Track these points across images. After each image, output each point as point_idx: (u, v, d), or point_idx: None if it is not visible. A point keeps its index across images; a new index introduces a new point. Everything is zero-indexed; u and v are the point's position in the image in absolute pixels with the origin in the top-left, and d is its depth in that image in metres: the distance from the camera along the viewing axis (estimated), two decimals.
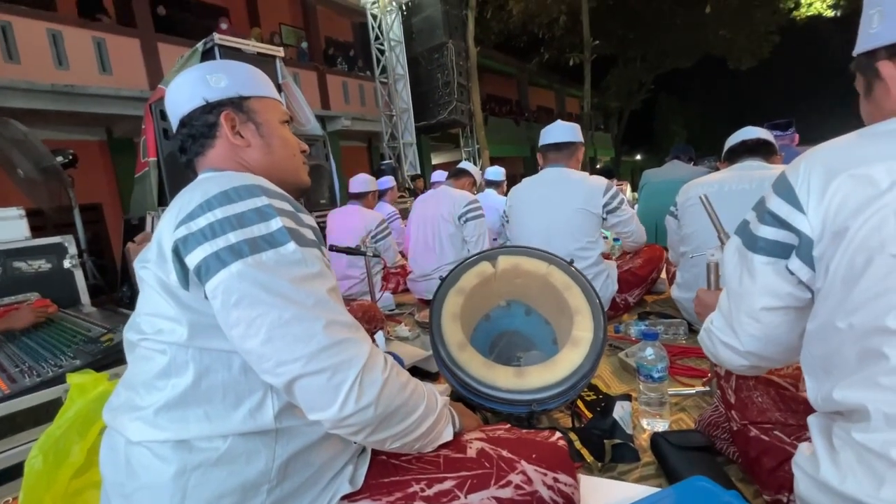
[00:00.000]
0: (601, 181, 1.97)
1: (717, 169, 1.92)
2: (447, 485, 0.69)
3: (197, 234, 0.59)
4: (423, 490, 0.69)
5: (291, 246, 0.59)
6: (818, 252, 0.57)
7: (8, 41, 5.29)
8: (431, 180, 4.19)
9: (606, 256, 2.12)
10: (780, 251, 0.63)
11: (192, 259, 0.58)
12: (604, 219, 1.98)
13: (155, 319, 0.63)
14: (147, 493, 0.59)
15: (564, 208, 1.96)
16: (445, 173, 4.22)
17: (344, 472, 0.71)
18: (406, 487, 0.69)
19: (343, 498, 0.69)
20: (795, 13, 12.73)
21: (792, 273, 0.61)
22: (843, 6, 12.08)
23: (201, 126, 0.75)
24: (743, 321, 0.69)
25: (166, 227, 0.63)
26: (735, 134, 1.84)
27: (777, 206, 0.62)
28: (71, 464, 0.86)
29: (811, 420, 0.63)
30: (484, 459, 0.74)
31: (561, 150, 2.06)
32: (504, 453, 0.76)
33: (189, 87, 0.76)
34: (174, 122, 0.79)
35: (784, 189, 0.62)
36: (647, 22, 13.73)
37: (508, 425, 0.88)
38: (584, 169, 2.20)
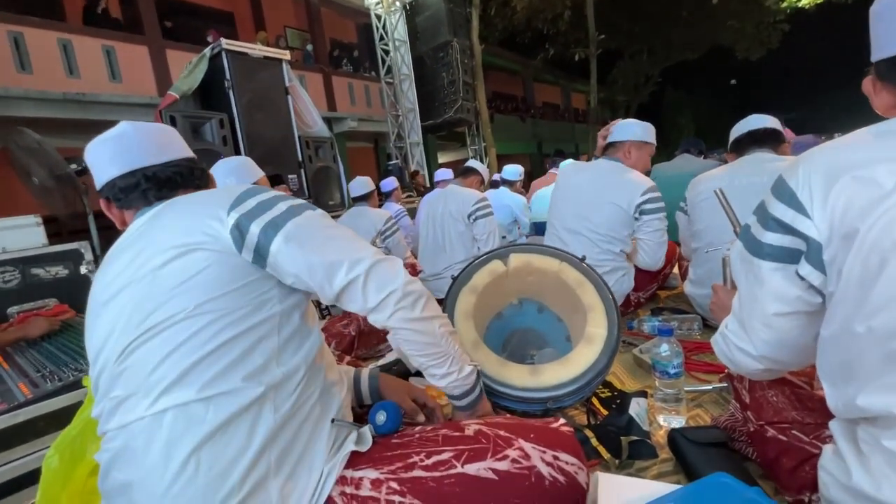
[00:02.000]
0: (646, 182, 1.92)
1: (725, 161, 1.89)
2: (445, 455, 0.73)
3: (255, 209, 0.73)
4: (422, 460, 0.73)
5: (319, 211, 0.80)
6: (828, 256, 0.56)
7: (20, 51, 5.39)
8: (436, 179, 4.20)
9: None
10: (787, 257, 0.62)
11: (257, 227, 0.71)
12: (636, 218, 1.92)
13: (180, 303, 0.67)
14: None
15: (597, 197, 1.95)
16: (450, 171, 4.24)
17: (347, 440, 0.76)
18: (406, 458, 0.73)
19: (346, 466, 0.72)
20: (805, 1, 12.50)
21: (803, 278, 0.60)
22: None
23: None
24: (756, 327, 0.68)
25: (204, 221, 0.72)
26: (740, 123, 1.78)
27: (781, 211, 0.61)
28: (87, 463, 0.88)
29: (833, 425, 0.62)
30: (481, 437, 0.77)
31: (615, 147, 2.04)
32: (501, 432, 0.78)
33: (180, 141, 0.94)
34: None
35: (785, 193, 0.61)
36: (653, 15, 13.58)
37: (508, 417, 0.89)
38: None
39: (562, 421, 0.86)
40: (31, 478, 1.13)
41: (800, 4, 12.47)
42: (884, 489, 0.50)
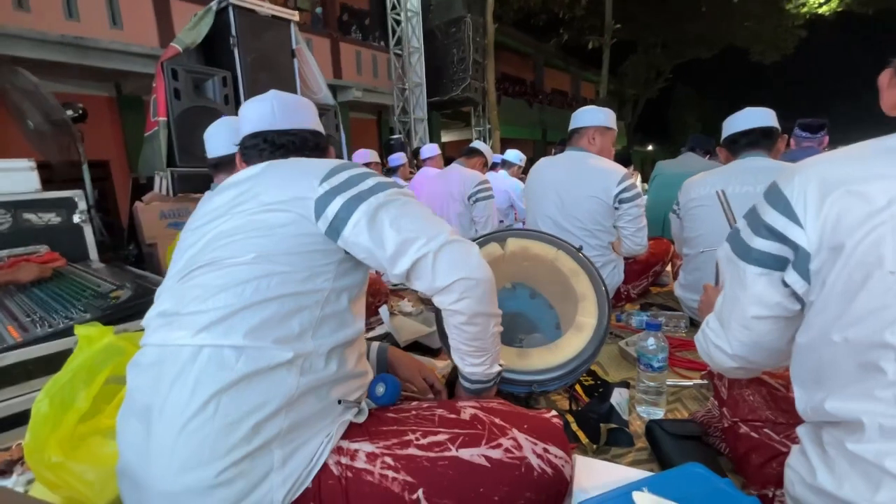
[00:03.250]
0: (618, 169, 1.92)
1: (718, 154, 1.86)
2: (440, 437, 0.74)
3: (345, 182, 0.78)
4: (417, 439, 0.74)
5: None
6: (815, 266, 0.57)
7: None
8: (423, 156, 4.02)
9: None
10: (774, 263, 0.63)
11: (345, 195, 0.76)
12: (616, 208, 1.94)
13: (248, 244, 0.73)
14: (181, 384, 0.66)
15: (577, 193, 1.95)
16: (436, 147, 4.16)
17: (349, 411, 0.76)
18: (402, 436, 0.75)
19: (343, 437, 0.73)
20: (825, 7, 12.32)
21: (787, 285, 0.62)
22: (875, 4, 11.67)
23: (317, 144, 0.99)
24: (734, 327, 0.71)
25: (297, 186, 0.78)
26: (734, 117, 1.72)
27: (773, 218, 0.62)
28: (77, 409, 0.89)
29: (801, 430, 0.65)
30: (476, 423, 0.78)
31: (580, 134, 2.02)
32: (496, 420, 0.79)
33: (316, 115, 1.02)
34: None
35: (780, 201, 0.62)
36: (672, 8, 13.34)
37: (501, 402, 0.89)
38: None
39: (553, 412, 0.88)
40: (18, 419, 1.14)
41: (819, 11, 12.30)
42: (844, 488, 0.52)
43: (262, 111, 0.94)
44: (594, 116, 1.99)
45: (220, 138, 1.53)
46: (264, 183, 0.80)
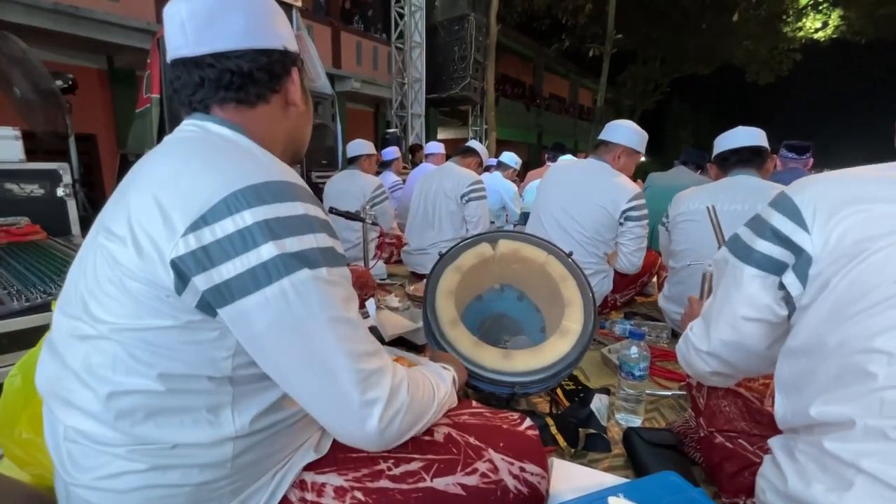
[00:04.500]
0: (632, 188, 1.94)
1: (709, 170, 1.90)
2: (413, 466, 0.69)
3: (225, 244, 0.50)
4: (389, 469, 0.68)
5: (324, 271, 0.54)
6: (815, 270, 0.59)
7: None
8: (426, 152, 4.15)
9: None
10: (772, 266, 0.65)
11: (216, 276, 0.51)
12: (620, 223, 1.95)
13: (112, 306, 0.54)
14: (94, 495, 0.56)
15: (587, 200, 1.96)
16: (441, 145, 4.19)
17: (308, 442, 0.69)
18: (373, 465, 0.68)
19: (308, 468, 0.67)
20: (821, 33, 12.59)
21: (783, 287, 0.64)
22: (869, 33, 11.96)
23: (269, 73, 0.64)
24: (720, 325, 0.73)
25: (157, 218, 0.51)
26: (726, 135, 1.75)
27: (780, 222, 0.64)
28: None
29: (773, 442, 0.66)
30: (451, 445, 0.73)
31: (608, 147, 2.04)
32: (471, 440, 0.75)
33: (264, 17, 0.64)
34: (207, 41, 0.61)
35: (789, 208, 0.63)
36: (673, 22, 13.48)
37: (472, 407, 0.86)
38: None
39: (528, 422, 0.85)
40: None
41: (815, 36, 12.56)
42: (812, 487, 0.54)
43: (172, 25, 0.62)
44: (628, 136, 1.98)
45: None
46: (140, 184, 0.57)
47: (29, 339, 1.16)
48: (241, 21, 0.62)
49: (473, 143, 2.96)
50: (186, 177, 0.54)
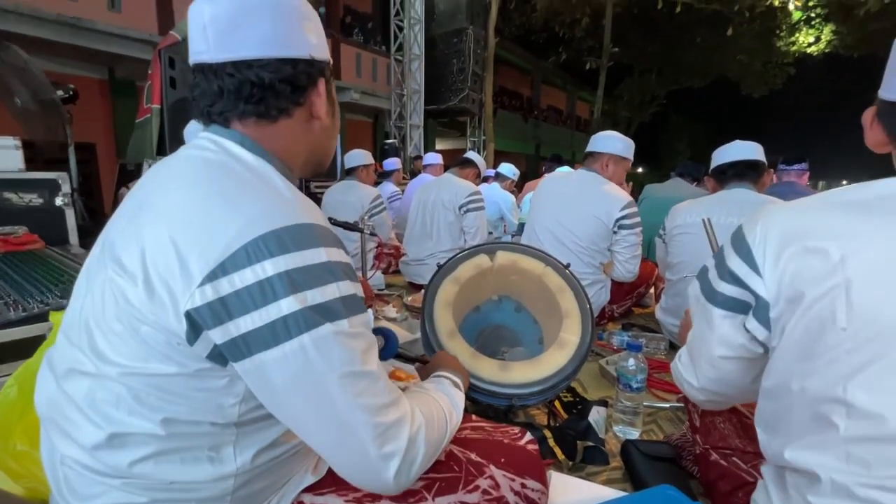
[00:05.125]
0: (624, 196, 1.96)
1: (705, 183, 1.92)
2: (416, 485, 0.67)
3: (244, 296, 0.48)
4: None
5: (345, 324, 0.52)
6: (774, 314, 0.58)
7: None
8: (424, 163, 4.19)
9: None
10: (738, 307, 0.64)
11: (233, 329, 0.49)
12: (614, 232, 1.97)
13: (119, 346, 0.53)
14: None
15: (580, 211, 1.98)
16: (439, 156, 4.23)
17: (306, 466, 0.69)
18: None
19: (307, 490, 0.66)
20: (814, 48, 12.80)
21: (748, 331, 0.63)
22: (860, 48, 12.16)
23: (293, 85, 0.60)
24: (702, 365, 0.72)
25: (173, 262, 0.49)
26: (724, 149, 1.77)
27: (736, 265, 0.63)
28: None
29: (765, 470, 0.66)
30: (453, 462, 0.72)
31: (594, 157, 2.07)
32: (473, 456, 0.75)
33: (279, 24, 0.58)
34: (230, 47, 0.57)
35: (742, 248, 0.62)
36: (669, 36, 13.70)
37: (473, 421, 0.86)
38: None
39: (528, 437, 0.85)
40: None
41: (808, 50, 12.76)
42: None
43: (194, 28, 0.58)
44: (613, 144, 2.03)
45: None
46: (158, 214, 0.54)
47: (25, 349, 1.15)
48: (265, 27, 0.57)
49: (471, 155, 2.99)
50: (206, 215, 0.51)
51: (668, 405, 1.42)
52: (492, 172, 4.56)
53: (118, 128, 6.68)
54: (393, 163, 4.31)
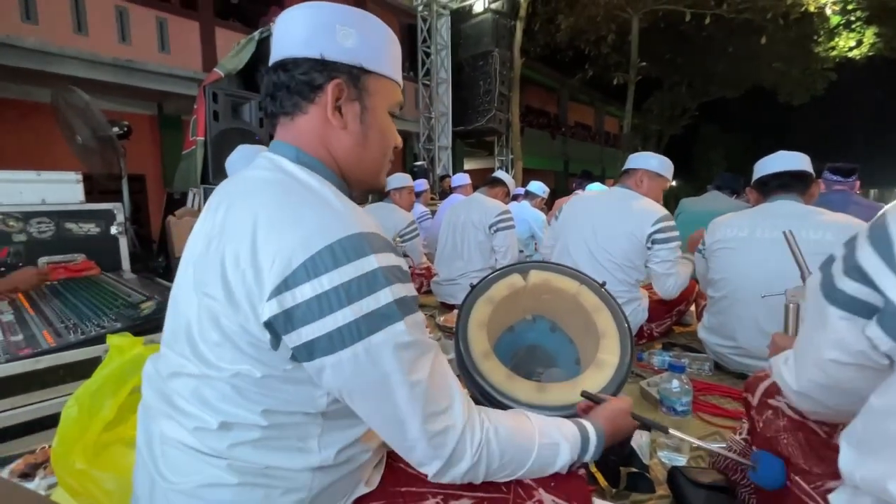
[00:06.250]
0: (657, 210, 1.92)
1: (746, 195, 1.83)
2: (463, 502, 0.67)
3: (304, 308, 0.53)
4: None
5: (401, 326, 0.56)
6: None
7: (79, 14, 5.60)
8: (453, 184, 4.23)
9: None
10: (860, 309, 0.53)
11: (297, 337, 0.54)
12: (648, 248, 1.92)
13: (220, 353, 0.59)
14: (180, 498, 0.60)
15: (613, 228, 1.95)
16: (467, 176, 4.26)
17: (363, 476, 0.71)
18: (421, 500, 0.68)
19: (358, 501, 0.68)
20: (856, 51, 12.27)
21: (868, 339, 0.53)
22: None
23: (303, 83, 0.64)
24: (808, 366, 0.64)
25: (251, 280, 0.55)
26: (767, 160, 1.68)
27: (867, 259, 0.52)
28: (103, 417, 0.91)
29: (835, 498, 0.57)
30: (501, 484, 0.70)
31: (628, 174, 2.08)
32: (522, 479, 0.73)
33: (311, 28, 0.63)
34: (274, 53, 0.66)
35: (880, 239, 0.51)
36: (698, 48, 13.46)
37: None
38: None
39: None
40: (45, 422, 1.17)
41: (850, 54, 12.24)
42: None
43: (278, 28, 0.67)
44: (646, 161, 2.04)
45: (238, 167, 1.59)
46: (231, 232, 0.59)
47: (84, 370, 1.23)
48: (297, 29, 0.64)
49: (500, 174, 3.00)
50: (269, 233, 0.56)
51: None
52: (521, 191, 4.56)
53: (166, 159, 7.13)
54: (421, 184, 4.39)
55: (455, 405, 0.62)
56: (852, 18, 11.58)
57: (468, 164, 12.94)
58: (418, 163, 8.02)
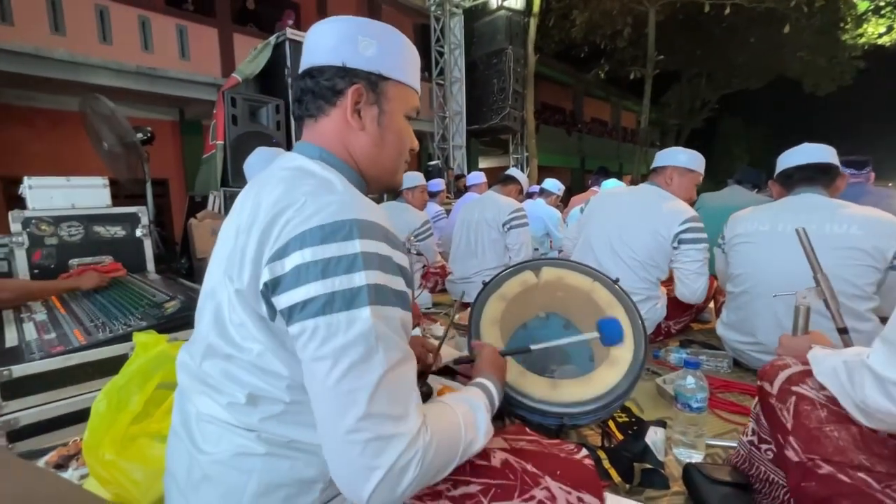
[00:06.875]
0: (685, 210, 1.88)
1: (769, 188, 1.78)
2: (472, 488, 0.70)
3: (287, 278, 0.58)
4: (448, 490, 0.70)
5: (365, 312, 0.56)
6: None
7: (104, 24, 5.79)
8: (468, 182, 4.23)
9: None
10: None
11: (278, 303, 0.59)
12: (675, 248, 1.88)
13: (245, 334, 0.63)
14: (215, 468, 0.64)
15: (639, 225, 1.93)
16: (482, 175, 4.26)
17: None
18: (433, 485, 0.69)
19: None
20: (886, 38, 11.78)
21: None
22: None
23: (327, 88, 0.71)
24: None
25: (254, 246, 0.61)
26: (791, 153, 1.64)
27: None
28: (130, 411, 0.95)
29: None
30: (508, 471, 0.73)
31: (657, 172, 2.04)
32: (528, 467, 0.75)
33: (336, 39, 0.70)
34: (303, 62, 0.74)
35: None
36: (718, 39, 13.11)
37: (528, 434, 0.86)
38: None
39: (584, 452, 0.84)
40: (76, 416, 1.23)
41: (879, 42, 11.78)
42: None
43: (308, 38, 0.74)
44: (675, 157, 1.99)
45: (256, 169, 1.63)
46: (257, 215, 0.65)
47: (112, 366, 1.28)
48: (324, 40, 0.71)
49: (513, 171, 3.00)
50: (281, 217, 0.61)
51: (732, 444, 1.30)
52: (536, 188, 4.54)
53: (187, 164, 7.31)
54: (437, 184, 4.40)
55: (409, 413, 0.58)
56: (882, 3, 11.12)
57: (483, 163, 12.91)
58: (433, 162, 8.04)
